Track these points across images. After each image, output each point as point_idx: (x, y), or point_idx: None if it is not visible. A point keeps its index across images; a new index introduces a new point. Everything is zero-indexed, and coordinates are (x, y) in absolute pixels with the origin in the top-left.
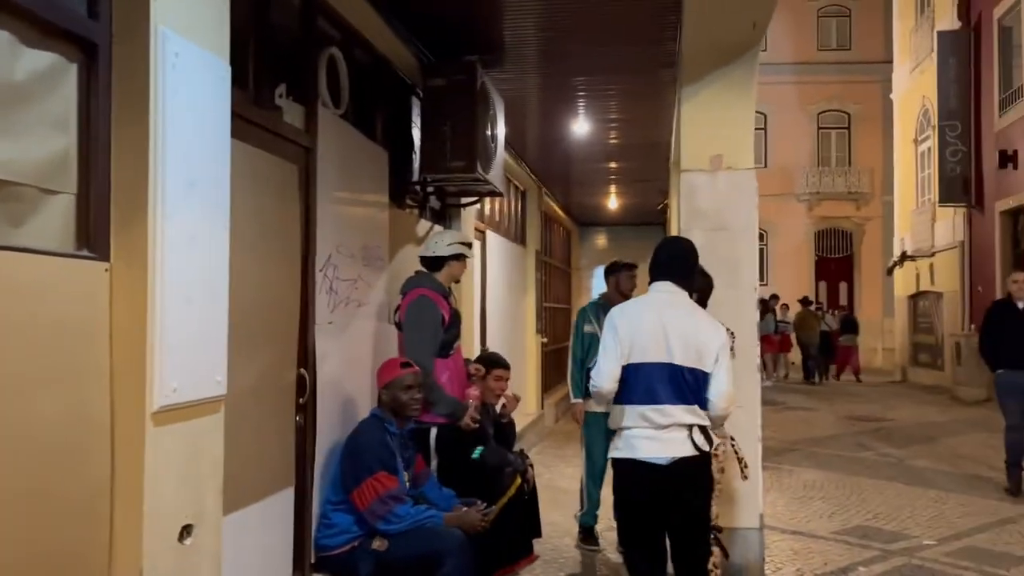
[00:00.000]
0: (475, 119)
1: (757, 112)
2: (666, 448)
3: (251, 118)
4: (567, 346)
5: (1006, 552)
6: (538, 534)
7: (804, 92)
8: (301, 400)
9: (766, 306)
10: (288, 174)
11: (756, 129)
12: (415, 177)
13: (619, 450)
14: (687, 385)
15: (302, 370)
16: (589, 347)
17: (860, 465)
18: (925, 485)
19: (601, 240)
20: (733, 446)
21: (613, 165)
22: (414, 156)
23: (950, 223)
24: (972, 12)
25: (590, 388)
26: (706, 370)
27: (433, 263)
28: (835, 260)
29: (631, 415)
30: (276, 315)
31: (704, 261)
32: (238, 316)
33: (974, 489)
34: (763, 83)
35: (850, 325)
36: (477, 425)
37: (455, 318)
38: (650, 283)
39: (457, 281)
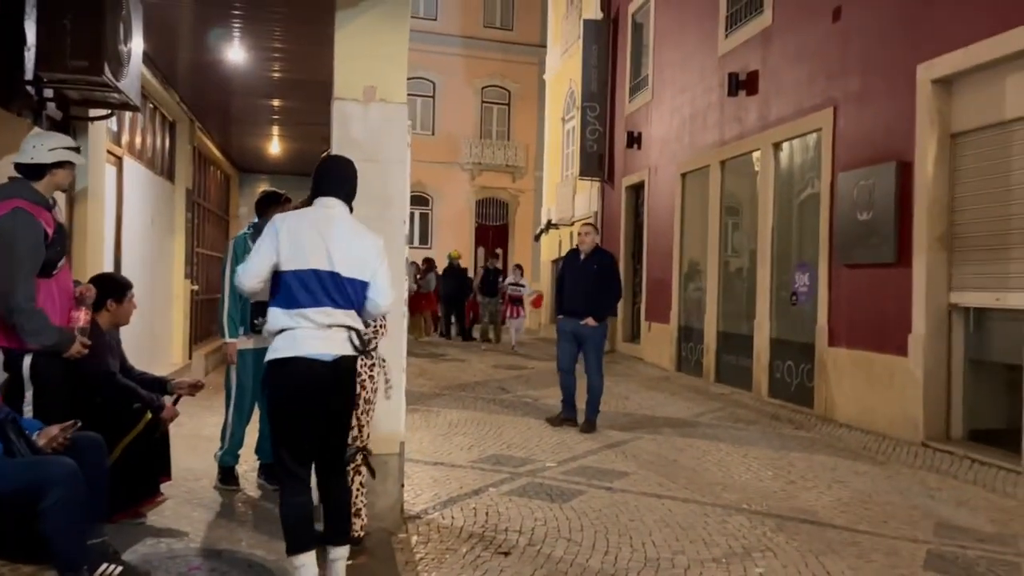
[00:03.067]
0: (102, 15)
1: (426, 80)
2: (330, 346)
3: None
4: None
5: (611, 469)
6: (167, 475)
7: (470, 66)
8: None
9: (430, 265)
10: None
11: (425, 96)
12: (28, 76)
13: (280, 350)
14: (348, 293)
15: None
16: None
17: (500, 405)
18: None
19: (263, 188)
20: (383, 367)
21: (276, 103)
22: (27, 52)
23: (587, 195)
24: (612, 5)
25: (235, 282)
26: (365, 279)
27: (32, 171)
28: (493, 228)
29: (294, 317)
30: None
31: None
32: None
33: None
34: (433, 52)
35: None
36: (87, 351)
37: (60, 233)
38: (313, 198)
39: (64, 191)
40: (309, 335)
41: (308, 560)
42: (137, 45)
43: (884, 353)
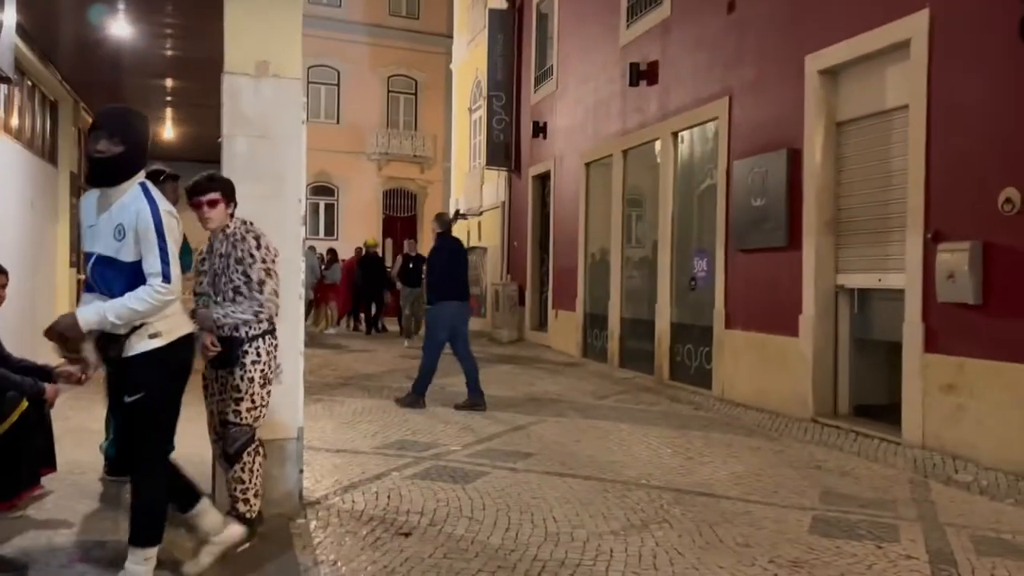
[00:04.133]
0: None
1: (331, 67)
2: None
3: None
4: None
5: (516, 450)
6: (51, 467)
7: (376, 54)
8: None
9: (335, 256)
10: None
11: (330, 85)
12: None
13: (181, 327)
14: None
15: None
16: None
17: (406, 393)
18: None
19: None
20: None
21: (170, 83)
22: None
23: (495, 185)
24: None
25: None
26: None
27: None
28: (401, 219)
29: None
30: None
31: (247, 169)
32: None
33: (497, 406)
34: (337, 40)
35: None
36: None
37: None
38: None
39: None
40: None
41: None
42: (9, 15)
43: (777, 334)
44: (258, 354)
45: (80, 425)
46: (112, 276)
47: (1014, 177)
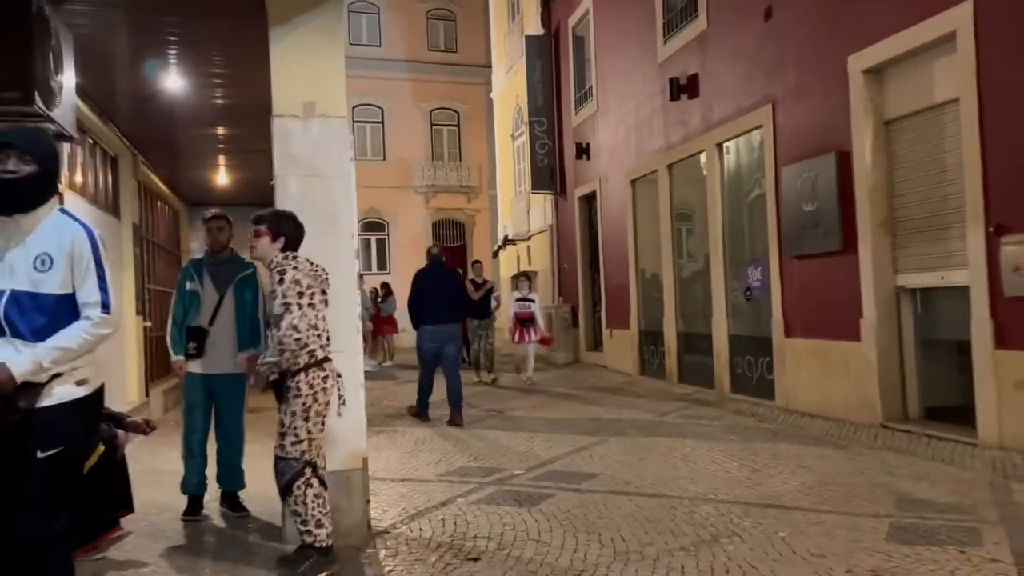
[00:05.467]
0: (31, 45)
1: (374, 105)
2: None
3: None
4: None
5: (579, 471)
6: (129, 509)
7: (417, 89)
8: None
9: (389, 290)
10: None
11: (374, 123)
12: None
13: (94, 381)
14: None
15: None
16: (190, 305)
17: (466, 420)
18: (519, 430)
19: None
20: (338, 382)
21: (221, 131)
22: None
23: (541, 209)
24: (552, 20)
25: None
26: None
27: None
28: (451, 249)
29: None
30: None
31: (299, 208)
32: None
33: (557, 428)
34: (380, 78)
35: None
36: None
37: None
38: None
39: None
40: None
41: None
42: (69, 77)
43: (838, 340)
44: (299, 388)
45: (153, 467)
46: (32, 314)
47: None
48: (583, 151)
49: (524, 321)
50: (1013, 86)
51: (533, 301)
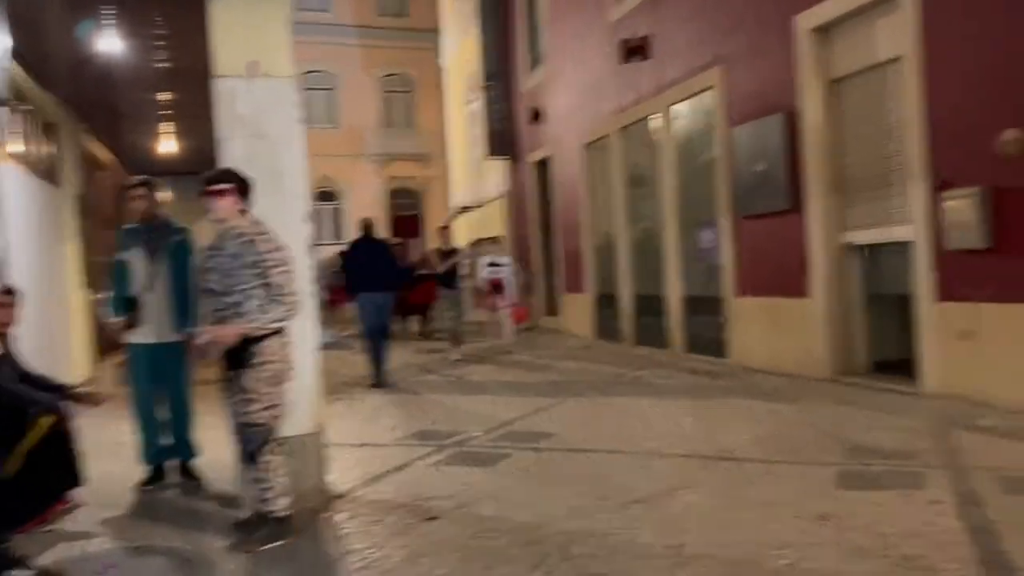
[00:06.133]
0: None
1: (324, 72)
2: None
3: None
4: None
5: (537, 432)
6: (76, 481)
7: (368, 56)
8: None
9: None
10: None
11: (325, 89)
12: None
13: None
14: None
15: None
16: (125, 275)
17: (425, 386)
18: (477, 393)
19: (161, 193)
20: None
21: (164, 96)
22: None
23: (496, 175)
24: None
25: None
26: None
27: None
28: (407, 218)
29: None
30: None
31: (246, 170)
32: None
33: (516, 392)
34: (329, 44)
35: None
36: None
37: None
38: None
39: None
40: None
41: None
42: (2, 40)
43: (788, 297)
44: (266, 355)
45: (108, 439)
46: None
47: (1015, 118)
48: (536, 116)
49: (496, 287)
50: (955, 44)
51: (506, 265)
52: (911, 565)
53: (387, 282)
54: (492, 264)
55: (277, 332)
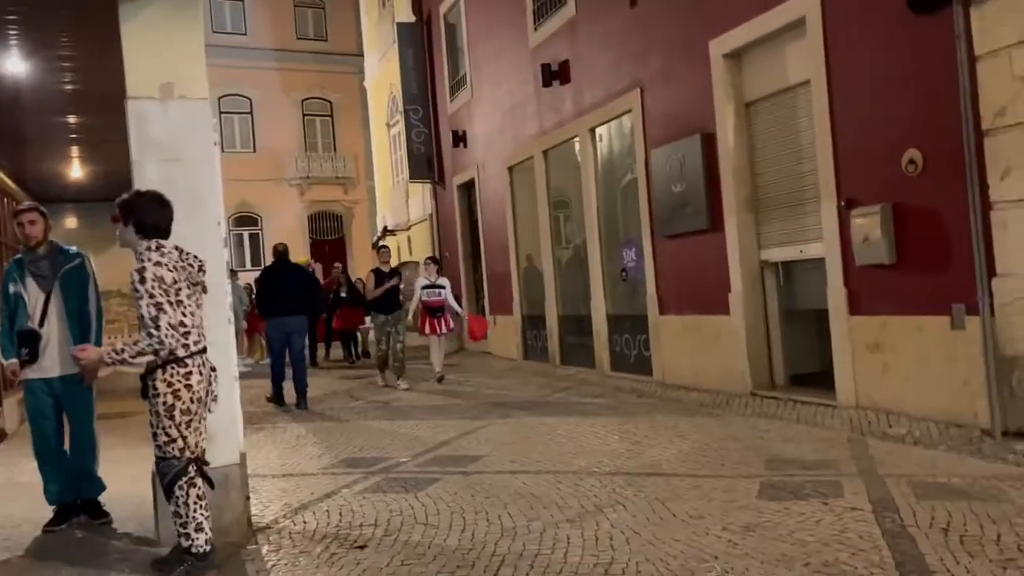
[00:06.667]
0: None
1: (241, 96)
2: None
3: None
4: None
5: (465, 455)
6: None
7: (287, 79)
8: None
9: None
10: None
11: (242, 113)
12: None
13: None
14: None
15: None
16: (16, 308)
17: (351, 413)
18: (405, 418)
19: (71, 220)
20: (213, 376)
21: (73, 120)
22: None
23: (420, 198)
24: (423, 7)
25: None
26: None
27: None
28: (329, 242)
29: None
30: None
31: (163, 193)
32: None
33: (443, 415)
34: (246, 67)
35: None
36: None
37: None
38: None
39: None
40: None
41: None
42: None
43: (710, 314)
44: (155, 387)
45: (10, 479)
46: None
47: (914, 138)
48: (460, 138)
49: (433, 311)
50: (858, 68)
51: (444, 287)
52: (832, 571)
53: (303, 305)
54: (429, 287)
55: (173, 361)
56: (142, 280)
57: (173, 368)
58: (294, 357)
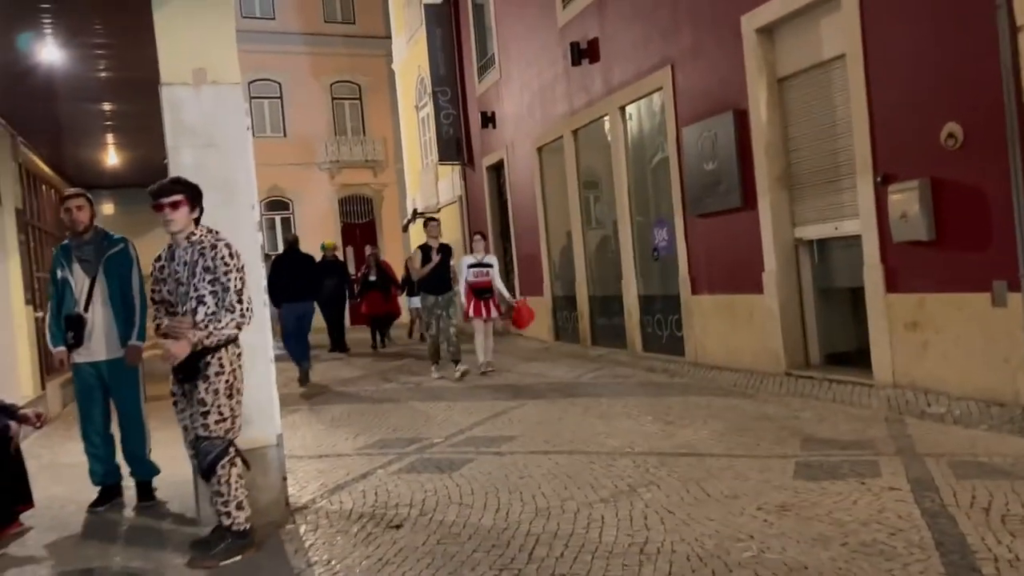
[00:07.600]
0: None
1: (271, 80)
2: None
3: None
4: None
5: (499, 435)
6: (27, 503)
7: (316, 63)
8: None
9: None
10: None
11: (272, 98)
12: None
13: None
14: None
15: None
16: (63, 293)
17: (383, 394)
18: (436, 400)
19: (108, 207)
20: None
21: (108, 107)
22: None
23: (450, 180)
24: None
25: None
26: None
27: None
28: (360, 225)
29: None
30: None
31: (196, 179)
32: None
33: (476, 396)
34: (275, 52)
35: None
36: None
37: None
38: None
39: None
40: None
41: None
42: None
43: (743, 293)
44: (221, 365)
45: (55, 461)
46: None
47: (954, 112)
48: (488, 120)
49: (480, 292)
50: (895, 41)
51: (491, 266)
52: (870, 551)
53: (310, 292)
54: (476, 265)
55: (231, 342)
56: (232, 255)
57: (233, 347)
58: (300, 338)
